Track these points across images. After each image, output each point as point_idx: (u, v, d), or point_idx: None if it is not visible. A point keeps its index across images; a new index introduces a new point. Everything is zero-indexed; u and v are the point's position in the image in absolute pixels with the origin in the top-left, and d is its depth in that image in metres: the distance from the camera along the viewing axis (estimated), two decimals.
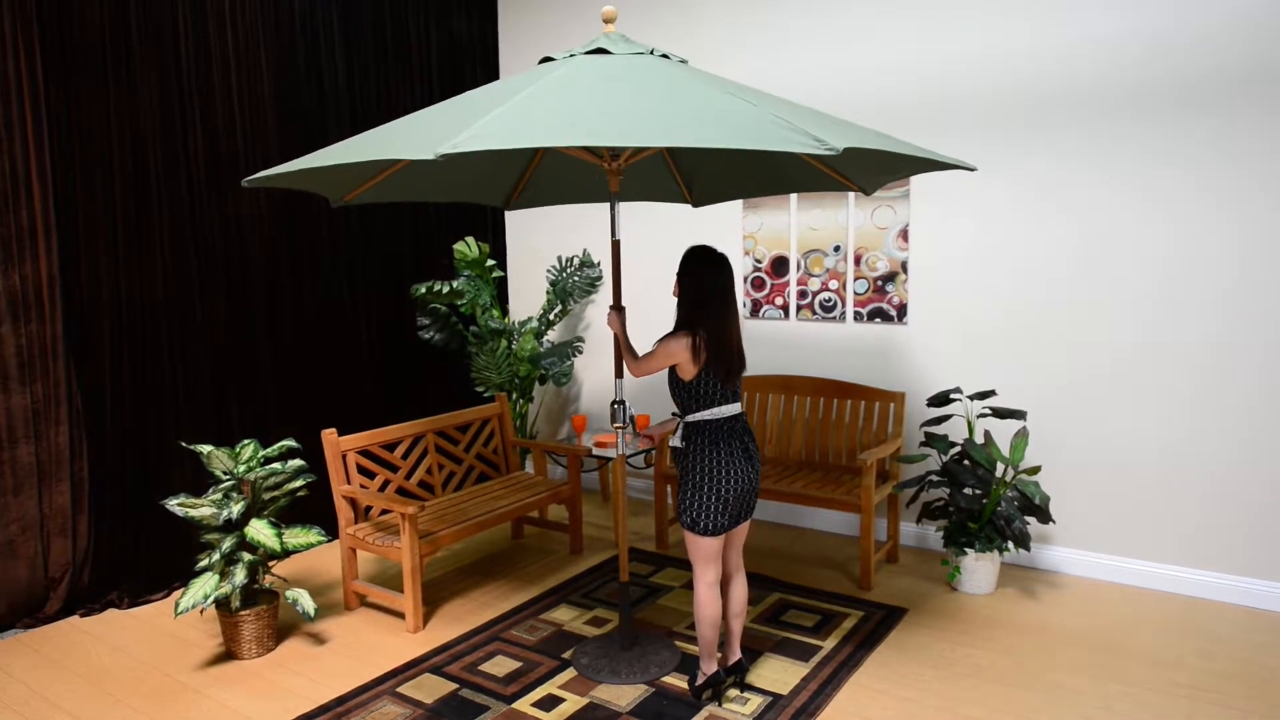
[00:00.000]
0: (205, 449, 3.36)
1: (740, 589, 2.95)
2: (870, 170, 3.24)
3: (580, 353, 5.23)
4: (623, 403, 3.10)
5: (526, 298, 5.83)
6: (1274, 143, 3.41)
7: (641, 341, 5.24)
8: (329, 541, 4.02)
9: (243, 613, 3.29)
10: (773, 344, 4.74)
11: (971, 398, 3.90)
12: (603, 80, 2.39)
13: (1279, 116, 3.39)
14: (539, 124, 2.11)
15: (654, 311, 5.17)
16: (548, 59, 2.78)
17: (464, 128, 2.07)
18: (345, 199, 3.33)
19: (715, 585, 2.81)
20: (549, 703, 2.96)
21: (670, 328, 5.14)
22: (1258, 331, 3.51)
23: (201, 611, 3.69)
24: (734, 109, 2.26)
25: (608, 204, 5.32)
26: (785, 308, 4.66)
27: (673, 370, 2.80)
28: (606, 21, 2.88)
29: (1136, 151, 3.68)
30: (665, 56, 2.77)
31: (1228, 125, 3.48)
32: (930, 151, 2.66)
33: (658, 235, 5.12)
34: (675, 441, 2.79)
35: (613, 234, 3.03)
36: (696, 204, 3.97)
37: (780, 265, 4.65)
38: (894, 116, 4.22)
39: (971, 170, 2.74)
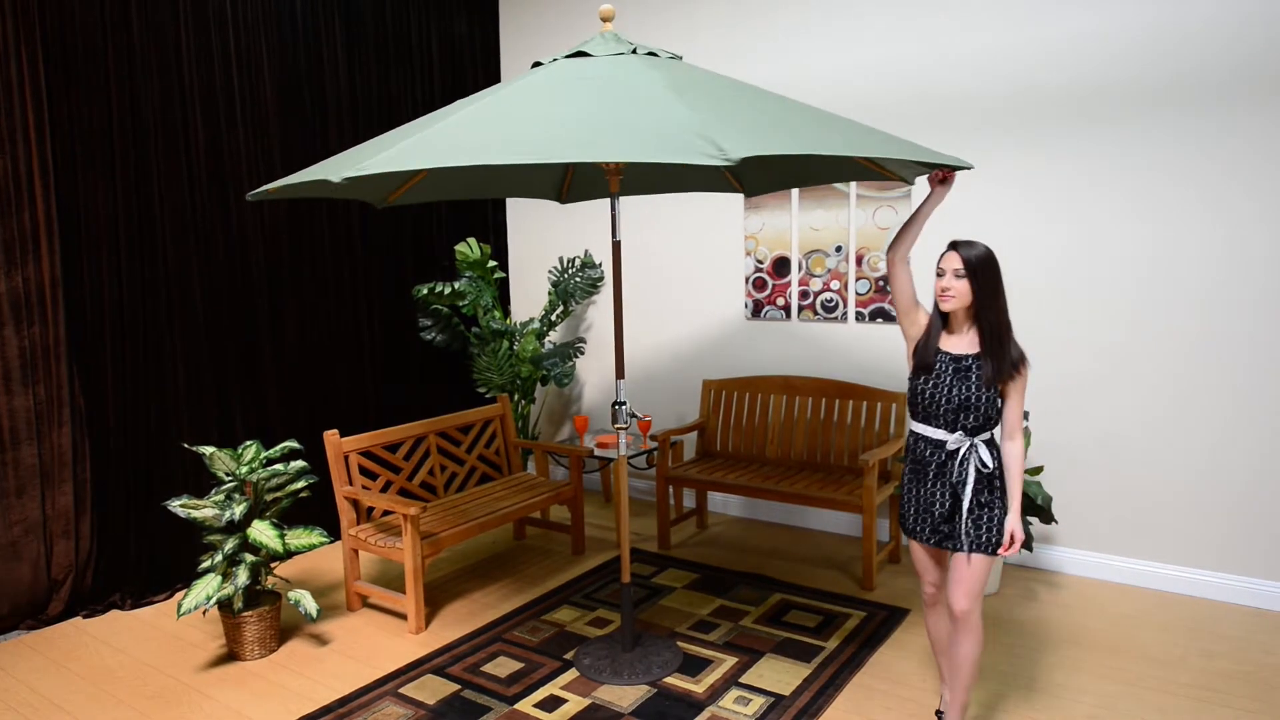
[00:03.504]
0: (208, 450, 3.36)
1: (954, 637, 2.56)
2: (900, 164, 3.13)
3: (582, 353, 5.23)
4: (624, 403, 3.10)
5: (528, 299, 5.83)
6: (1258, 142, 3.40)
7: (649, 348, 5.25)
8: (331, 543, 4.03)
9: (245, 614, 3.29)
10: (774, 345, 4.74)
11: None
12: (541, 90, 2.40)
13: (1262, 116, 3.39)
14: (425, 146, 2.15)
15: (656, 307, 5.17)
16: (538, 64, 2.80)
17: (391, 146, 2.14)
18: (390, 199, 3.36)
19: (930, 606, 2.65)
20: (551, 703, 2.96)
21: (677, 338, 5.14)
22: (1258, 329, 3.50)
23: (204, 613, 3.69)
24: (655, 117, 2.18)
25: (609, 205, 5.32)
26: (787, 308, 4.66)
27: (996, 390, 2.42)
28: (604, 20, 2.87)
29: (1137, 149, 3.67)
30: (653, 54, 2.73)
31: (1215, 125, 3.48)
32: (899, 147, 2.51)
33: (658, 235, 5.12)
34: (992, 462, 2.44)
35: (613, 235, 3.03)
36: (749, 193, 3.87)
37: (782, 266, 4.65)
38: (893, 115, 4.22)
39: (968, 168, 2.68)
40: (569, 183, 3.85)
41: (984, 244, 2.42)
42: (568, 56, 2.72)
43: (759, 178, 3.79)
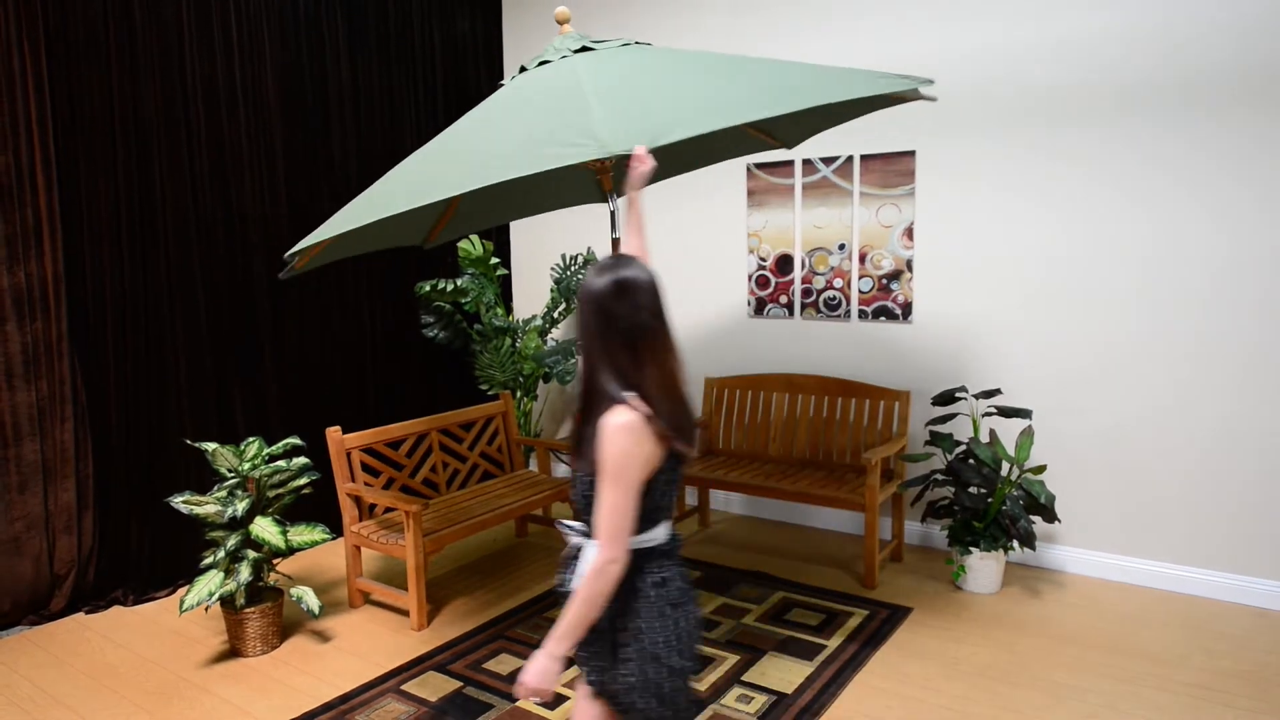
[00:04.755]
0: (210, 446, 3.36)
1: None
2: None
3: None
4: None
5: (530, 296, 5.83)
6: (1262, 141, 3.39)
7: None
8: (333, 539, 4.03)
9: (247, 610, 3.29)
10: (777, 342, 4.73)
11: (976, 396, 3.89)
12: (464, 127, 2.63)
13: (1266, 116, 3.37)
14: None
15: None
16: (501, 84, 2.87)
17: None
18: (430, 240, 3.52)
19: None
20: (552, 700, 2.96)
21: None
22: (1261, 328, 3.49)
23: (206, 609, 3.69)
24: (507, 138, 2.36)
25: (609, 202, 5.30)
26: (790, 306, 4.65)
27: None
28: (561, 23, 2.80)
29: (1140, 149, 3.66)
30: (587, 48, 2.70)
31: (1218, 123, 3.47)
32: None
33: (660, 232, 5.11)
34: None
35: (613, 231, 3.02)
36: (790, 145, 3.76)
37: (785, 263, 4.64)
38: (896, 112, 4.21)
39: (929, 83, 2.51)
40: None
41: (625, 266, 1.65)
42: (513, 77, 2.84)
43: (790, 129, 3.59)
